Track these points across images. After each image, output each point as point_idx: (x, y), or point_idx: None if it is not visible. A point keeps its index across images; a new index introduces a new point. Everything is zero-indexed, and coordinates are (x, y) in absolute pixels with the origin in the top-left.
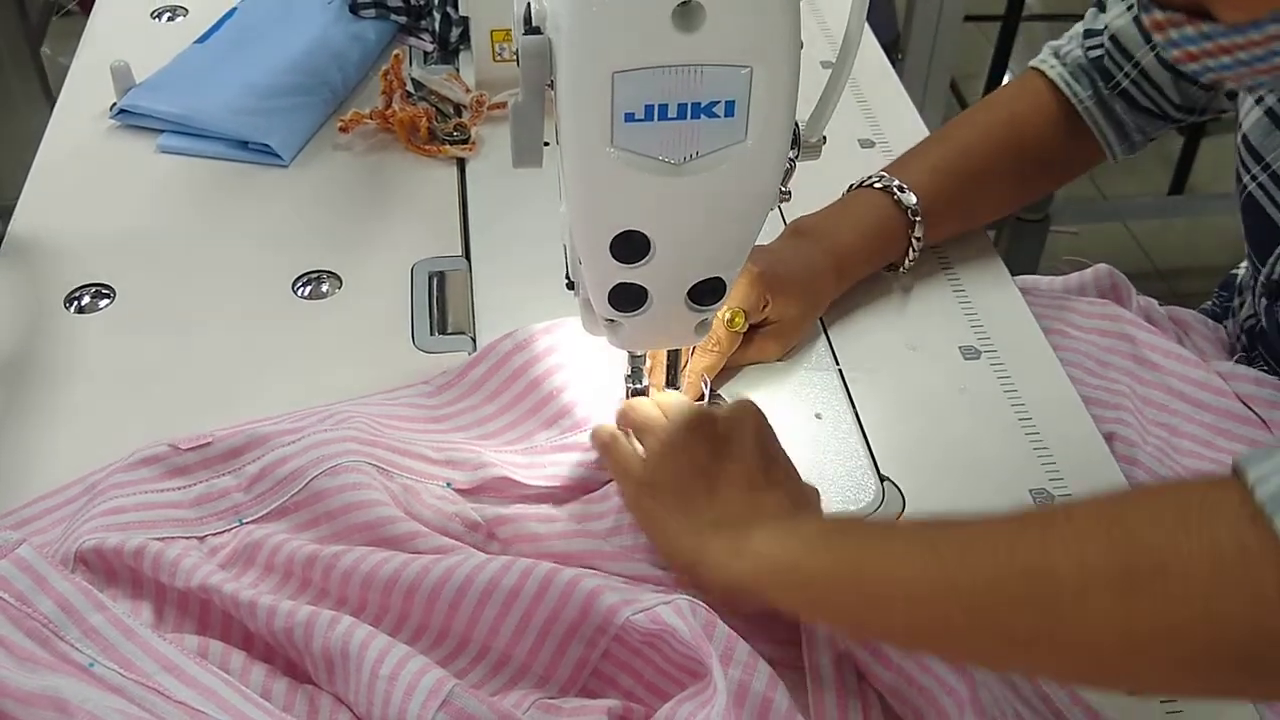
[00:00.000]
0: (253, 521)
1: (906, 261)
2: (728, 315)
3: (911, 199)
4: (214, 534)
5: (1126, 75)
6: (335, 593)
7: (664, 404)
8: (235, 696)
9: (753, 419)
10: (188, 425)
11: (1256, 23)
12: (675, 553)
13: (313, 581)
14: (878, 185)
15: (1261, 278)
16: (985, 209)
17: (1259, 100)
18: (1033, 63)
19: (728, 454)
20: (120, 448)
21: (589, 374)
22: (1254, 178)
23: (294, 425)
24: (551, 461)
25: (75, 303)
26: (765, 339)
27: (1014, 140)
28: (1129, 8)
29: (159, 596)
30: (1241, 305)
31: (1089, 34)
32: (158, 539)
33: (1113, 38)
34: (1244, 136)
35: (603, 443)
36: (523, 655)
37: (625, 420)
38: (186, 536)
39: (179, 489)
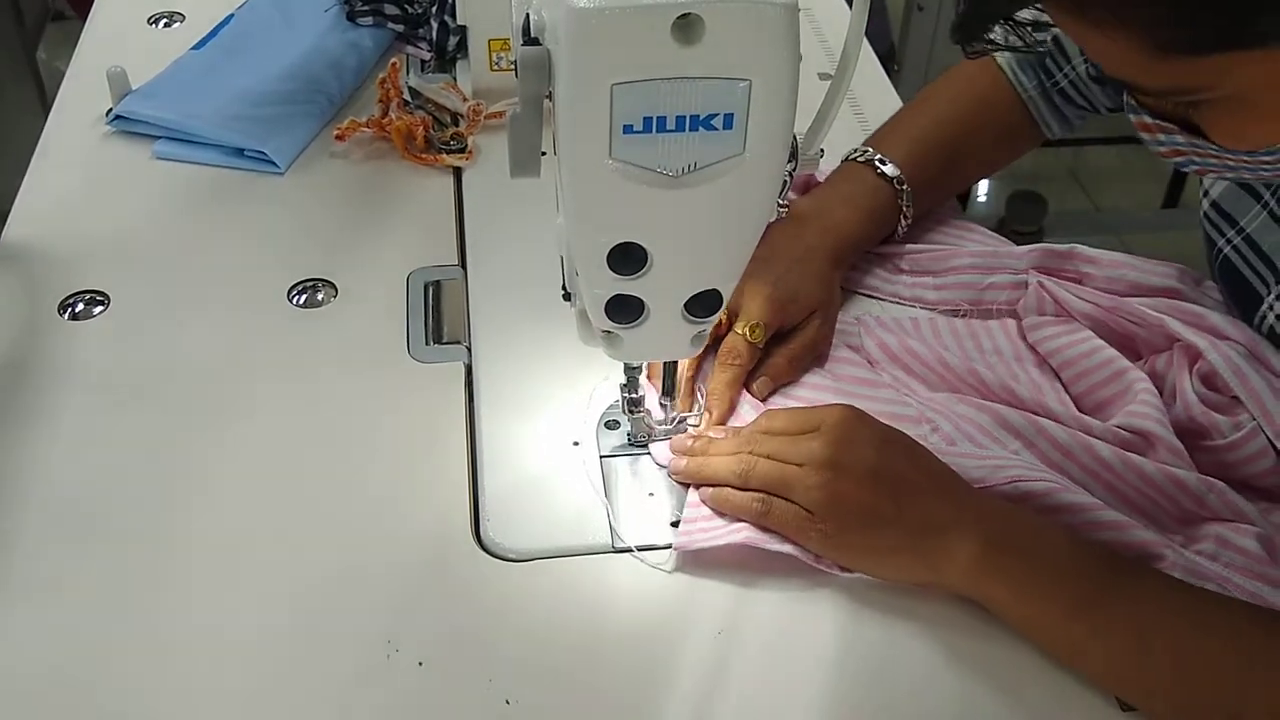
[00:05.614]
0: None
1: (899, 231)
2: (747, 329)
3: (894, 170)
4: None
5: (1065, 76)
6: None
7: (772, 428)
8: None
9: (860, 414)
10: (182, 433)
11: (1252, 152)
12: (897, 572)
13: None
14: (860, 159)
15: None
16: (955, 181)
17: None
18: None
19: (886, 454)
20: (114, 455)
21: None
22: (1229, 241)
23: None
24: None
25: (69, 309)
26: (793, 347)
27: (980, 115)
28: None
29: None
30: None
31: (1038, 26)
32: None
33: (1055, 39)
34: (1213, 203)
35: (757, 513)
36: None
37: (747, 479)
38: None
39: None
